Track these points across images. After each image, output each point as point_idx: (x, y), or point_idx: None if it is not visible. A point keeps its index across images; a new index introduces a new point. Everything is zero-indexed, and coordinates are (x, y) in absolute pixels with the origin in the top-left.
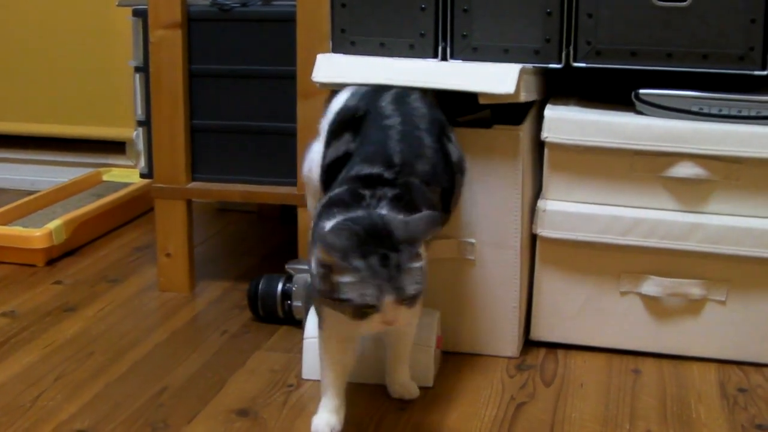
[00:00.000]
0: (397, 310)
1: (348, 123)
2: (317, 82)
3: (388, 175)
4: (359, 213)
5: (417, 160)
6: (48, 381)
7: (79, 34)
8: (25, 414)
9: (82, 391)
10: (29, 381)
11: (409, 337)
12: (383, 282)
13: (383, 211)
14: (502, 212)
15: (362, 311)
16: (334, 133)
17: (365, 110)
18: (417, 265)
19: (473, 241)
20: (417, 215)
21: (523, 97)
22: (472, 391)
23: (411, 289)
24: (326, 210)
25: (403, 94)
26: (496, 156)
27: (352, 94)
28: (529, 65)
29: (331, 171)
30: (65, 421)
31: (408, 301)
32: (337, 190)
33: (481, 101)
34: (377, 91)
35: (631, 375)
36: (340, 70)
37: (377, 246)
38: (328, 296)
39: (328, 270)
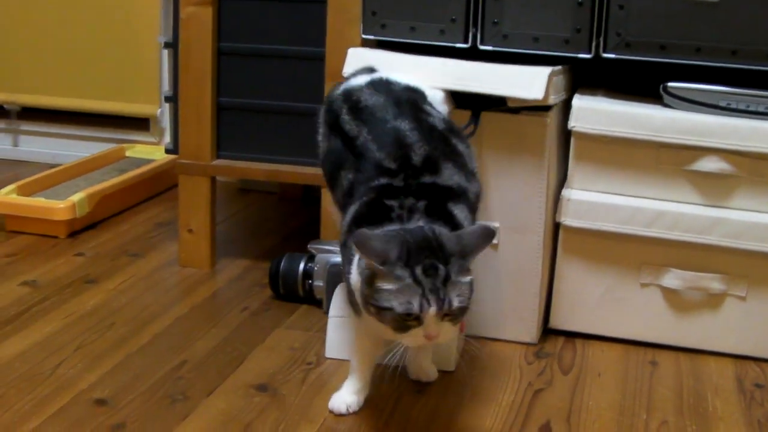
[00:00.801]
0: (440, 325)
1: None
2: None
3: (396, 183)
4: (411, 225)
5: (409, 151)
6: (68, 350)
7: (105, 9)
8: (45, 381)
9: (102, 361)
10: (50, 350)
11: None
12: (428, 292)
13: (420, 223)
14: (527, 199)
15: (404, 323)
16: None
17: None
18: (466, 279)
19: (497, 224)
20: (471, 229)
21: (552, 100)
22: (489, 377)
23: (456, 302)
24: (355, 229)
25: (353, 92)
26: (522, 143)
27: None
28: (558, 66)
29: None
30: (85, 390)
31: (452, 315)
32: (357, 206)
33: (510, 105)
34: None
35: (648, 366)
36: (369, 66)
37: (426, 257)
38: (371, 302)
39: (372, 276)
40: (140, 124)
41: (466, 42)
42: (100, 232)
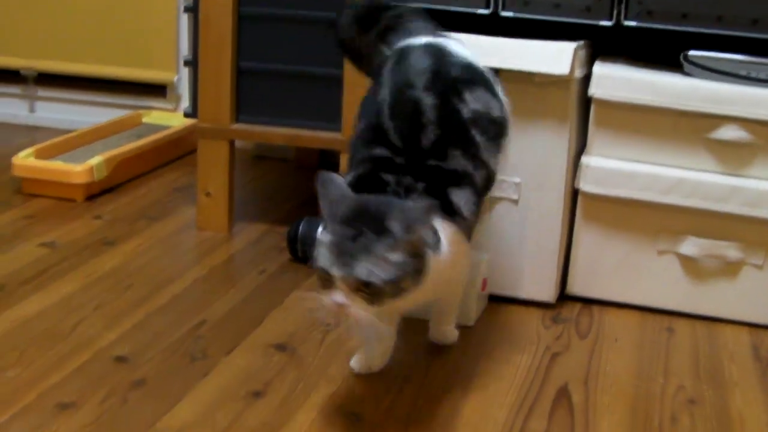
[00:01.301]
0: (351, 296)
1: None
2: None
3: (398, 160)
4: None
5: (419, 133)
6: (88, 309)
7: None
8: (65, 339)
9: (121, 320)
10: (69, 309)
11: (456, 298)
12: (342, 254)
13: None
14: (548, 162)
15: (322, 279)
16: None
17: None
18: (392, 256)
19: (518, 180)
20: (416, 204)
21: (578, 74)
22: (507, 340)
23: (365, 274)
24: None
25: (407, 49)
26: (545, 111)
27: None
28: (581, 41)
29: None
30: (105, 348)
31: (362, 291)
32: (354, 175)
33: (537, 80)
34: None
35: (664, 333)
36: None
37: (360, 222)
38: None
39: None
40: (157, 90)
41: (487, 8)
42: (117, 195)
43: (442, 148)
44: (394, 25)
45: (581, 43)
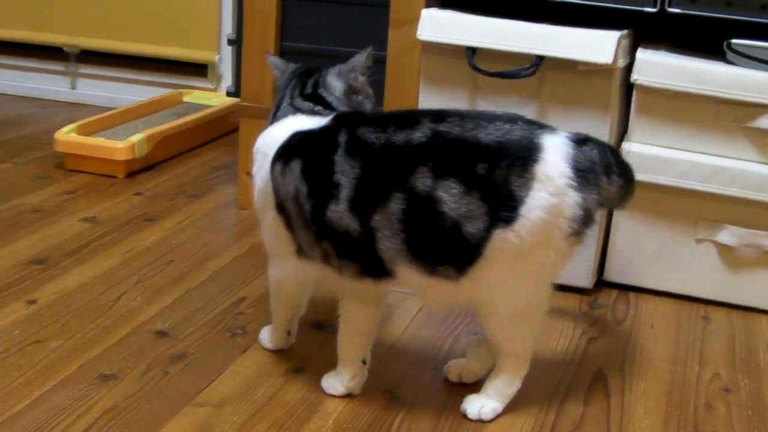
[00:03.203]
0: None
1: None
2: (422, 41)
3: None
4: None
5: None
6: (129, 283)
7: None
8: (107, 312)
9: (162, 294)
10: (111, 282)
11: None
12: None
13: None
14: None
15: None
16: None
17: None
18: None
19: None
20: None
21: (620, 64)
22: (545, 324)
23: None
24: None
25: None
26: (587, 99)
27: None
28: (624, 30)
29: None
30: (146, 322)
31: None
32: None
33: (580, 69)
34: None
35: (701, 321)
36: (444, 29)
37: None
38: None
39: None
40: (198, 69)
41: None
42: (157, 173)
43: None
44: None
45: (625, 32)
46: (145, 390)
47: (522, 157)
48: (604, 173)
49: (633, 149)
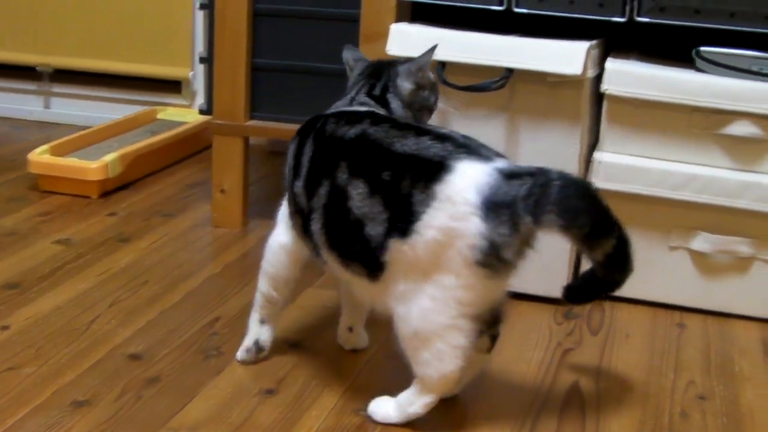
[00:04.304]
0: None
1: None
2: (391, 56)
3: None
4: None
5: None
6: (103, 306)
7: None
8: (81, 336)
9: (136, 317)
10: (85, 305)
11: None
12: None
13: None
14: (560, 161)
15: None
16: None
17: None
18: None
19: None
20: None
21: (590, 74)
22: (520, 335)
23: None
24: None
25: None
26: (557, 110)
27: None
28: (594, 41)
29: None
30: (120, 345)
31: None
32: None
33: (549, 80)
34: None
35: (676, 328)
36: (413, 44)
37: None
38: None
39: None
40: (172, 86)
41: (501, 4)
42: (132, 192)
43: None
44: None
45: (594, 42)
46: (119, 415)
47: (427, 174)
48: (530, 212)
49: (605, 159)
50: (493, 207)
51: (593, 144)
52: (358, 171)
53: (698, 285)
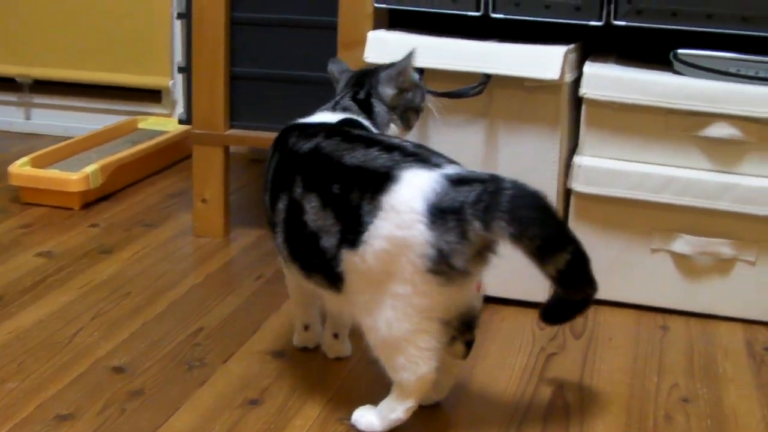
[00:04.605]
0: None
1: None
2: (369, 63)
3: None
4: None
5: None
6: (85, 319)
7: None
8: (63, 350)
9: (118, 329)
10: (66, 319)
11: None
12: None
13: None
14: (539, 165)
15: None
16: None
17: None
18: None
19: None
20: None
21: (568, 78)
22: (503, 341)
23: None
24: None
25: None
26: (535, 115)
27: None
28: (571, 45)
29: None
30: (102, 358)
31: None
32: None
33: (527, 85)
34: None
35: (659, 331)
36: (391, 51)
37: None
38: None
39: None
40: (152, 96)
41: (478, 10)
42: (113, 203)
43: None
44: None
45: (572, 46)
46: (102, 429)
47: (373, 185)
48: (480, 218)
49: (584, 162)
50: (439, 214)
51: (573, 148)
52: (311, 185)
53: (681, 287)
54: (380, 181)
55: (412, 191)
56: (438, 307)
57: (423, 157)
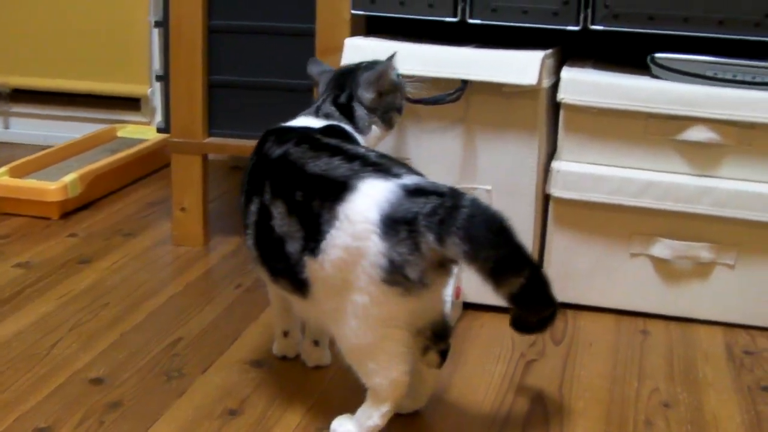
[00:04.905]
0: None
1: None
2: None
3: None
4: None
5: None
6: (63, 330)
7: None
8: (41, 361)
9: (97, 340)
10: (45, 330)
11: None
12: None
13: None
14: (518, 170)
15: None
16: None
17: None
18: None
19: (489, 187)
20: None
21: (546, 84)
22: (482, 347)
23: None
24: None
25: None
26: (513, 121)
27: None
28: (549, 50)
29: None
30: (81, 369)
31: None
32: None
33: (505, 91)
34: None
35: (639, 336)
36: (367, 58)
37: None
38: None
39: None
40: (131, 103)
41: (455, 16)
42: (92, 212)
43: None
44: None
45: (549, 51)
46: None
47: (331, 194)
48: (433, 231)
49: (563, 168)
50: (392, 224)
51: (551, 153)
52: (278, 191)
53: (660, 291)
54: (338, 190)
55: (368, 201)
56: (399, 317)
57: (383, 167)
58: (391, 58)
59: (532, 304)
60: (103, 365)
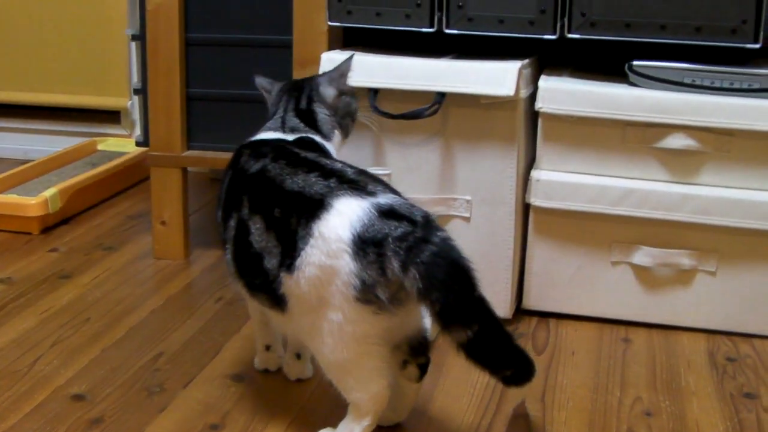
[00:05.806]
0: None
1: None
2: None
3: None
4: None
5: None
6: (45, 346)
7: (73, 3)
8: (23, 378)
9: (78, 356)
10: (26, 346)
11: None
12: None
13: None
14: (497, 179)
15: None
16: None
17: None
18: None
19: (469, 198)
20: None
21: (523, 94)
22: (464, 359)
23: None
24: None
25: None
26: (492, 132)
27: None
28: (526, 60)
29: None
30: (62, 386)
31: None
32: None
33: (482, 102)
34: None
35: (621, 344)
36: None
37: None
38: None
39: None
40: (111, 117)
41: (431, 26)
42: (73, 226)
43: None
44: None
45: (526, 61)
46: None
47: (306, 211)
48: (399, 257)
49: (542, 177)
50: (362, 244)
51: (530, 162)
52: (256, 207)
53: (642, 299)
54: (314, 208)
55: (341, 220)
56: (374, 334)
57: (359, 184)
58: (350, 57)
59: (483, 361)
60: (85, 381)
